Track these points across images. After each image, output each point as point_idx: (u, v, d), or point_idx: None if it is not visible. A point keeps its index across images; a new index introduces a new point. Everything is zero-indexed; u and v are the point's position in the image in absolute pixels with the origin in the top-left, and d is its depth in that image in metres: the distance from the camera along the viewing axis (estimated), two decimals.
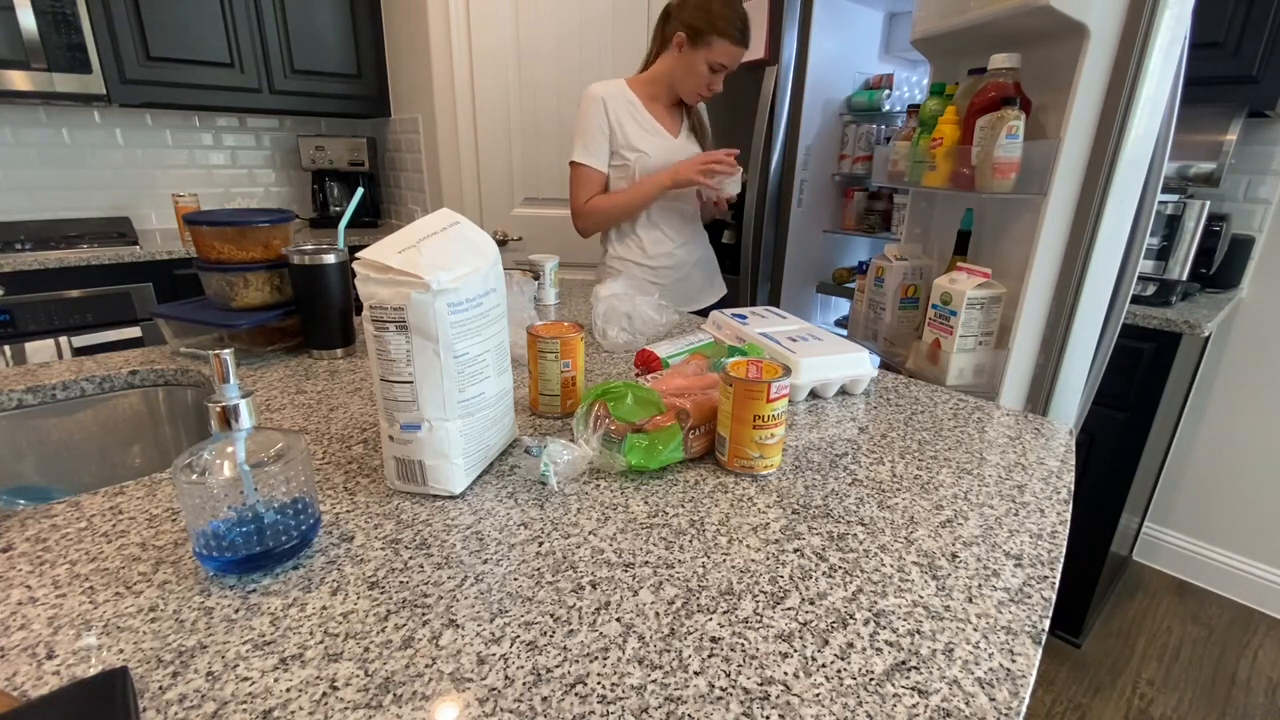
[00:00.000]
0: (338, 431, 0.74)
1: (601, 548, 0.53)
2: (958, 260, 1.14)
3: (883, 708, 0.39)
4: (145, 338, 2.02)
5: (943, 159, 1.09)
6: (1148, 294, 1.52)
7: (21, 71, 1.88)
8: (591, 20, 2.05)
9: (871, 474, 0.67)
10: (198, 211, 0.95)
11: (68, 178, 2.29)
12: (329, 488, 0.62)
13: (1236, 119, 1.54)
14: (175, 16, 2.10)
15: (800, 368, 0.84)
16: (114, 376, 0.90)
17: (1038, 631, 0.45)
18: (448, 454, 0.59)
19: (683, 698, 0.39)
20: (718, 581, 0.50)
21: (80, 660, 0.41)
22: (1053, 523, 0.59)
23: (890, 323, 1.27)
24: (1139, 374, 1.48)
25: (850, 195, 2.17)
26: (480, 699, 0.38)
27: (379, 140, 2.78)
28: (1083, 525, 1.60)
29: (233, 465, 0.47)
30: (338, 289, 0.95)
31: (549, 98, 2.14)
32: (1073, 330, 1.00)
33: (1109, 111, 0.91)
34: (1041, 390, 1.05)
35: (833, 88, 2.07)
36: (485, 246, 0.63)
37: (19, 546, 0.52)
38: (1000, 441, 0.77)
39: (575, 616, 0.45)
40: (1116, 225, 0.95)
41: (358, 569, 0.50)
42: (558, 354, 0.76)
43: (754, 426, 0.63)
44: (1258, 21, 1.43)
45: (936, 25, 1.15)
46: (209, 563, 0.48)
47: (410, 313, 0.54)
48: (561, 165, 2.19)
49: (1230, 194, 1.74)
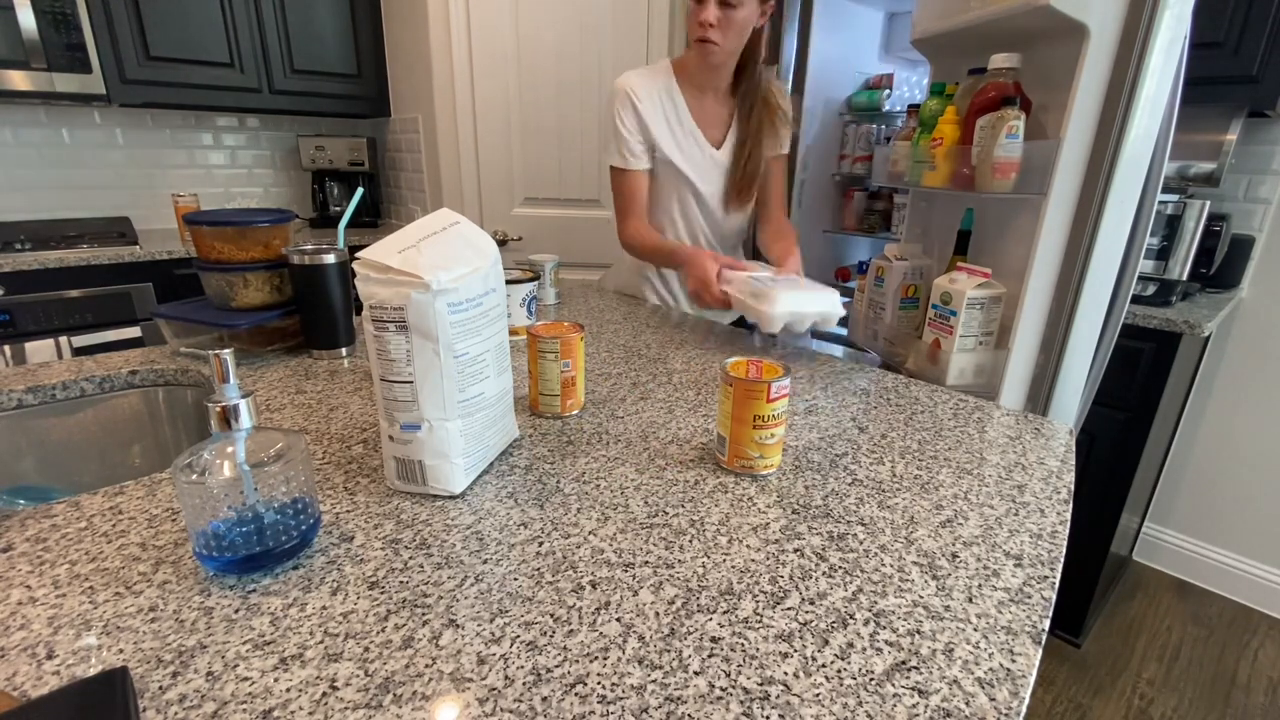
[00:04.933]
0: (338, 431, 0.74)
1: (601, 548, 0.53)
2: (958, 260, 1.14)
3: (883, 708, 0.39)
4: (145, 338, 2.02)
5: (943, 159, 1.09)
6: (1148, 294, 1.52)
7: (21, 71, 1.88)
8: (591, 20, 2.05)
9: (871, 474, 0.67)
10: (198, 211, 0.95)
11: (68, 178, 2.29)
12: (329, 488, 0.62)
13: (1236, 119, 1.54)
14: (175, 16, 2.10)
15: (776, 300, 0.98)
16: (114, 376, 0.90)
17: (1038, 631, 0.45)
18: (448, 454, 0.59)
19: (683, 698, 0.39)
20: (718, 581, 0.50)
21: (80, 660, 0.41)
22: (1053, 523, 0.59)
23: (890, 323, 1.27)
24: (1139, 374, 1.48)
25: (850, 195, 2.17)
26: (480, 699, 0.38)
27: (379, 140, 2.78)
28: (1083, 525, 1.60)
29: (233, 465, 0.47)
30: (338, 289, 0.95)
31: (549, 97, 2.14)
32: (1073, 330, 1.00)
33: (1109, 111, 0.91)
34: (1041, 390, 1.05)
35: (833, 88, 2.07)
36: (485, 246, 0.63)
37: (19, 546, 0.52)
38: (1000, 441, 0.77)
39: (575, 616, 0.45)
40: (1116, 225, 0.95)
41: (358, 569, 0.50)
42: (558, 354, 0.76)
43: (754, 426, 0.63)
44: (1258, 21, 1.43)
45: (936, 25, 1.15)
46: (209, 563, 0.48)
47: (410, 313, 0.54)
48: (561, 165, 2.21)
49: (1230, 194, 1.74)
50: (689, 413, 0.81)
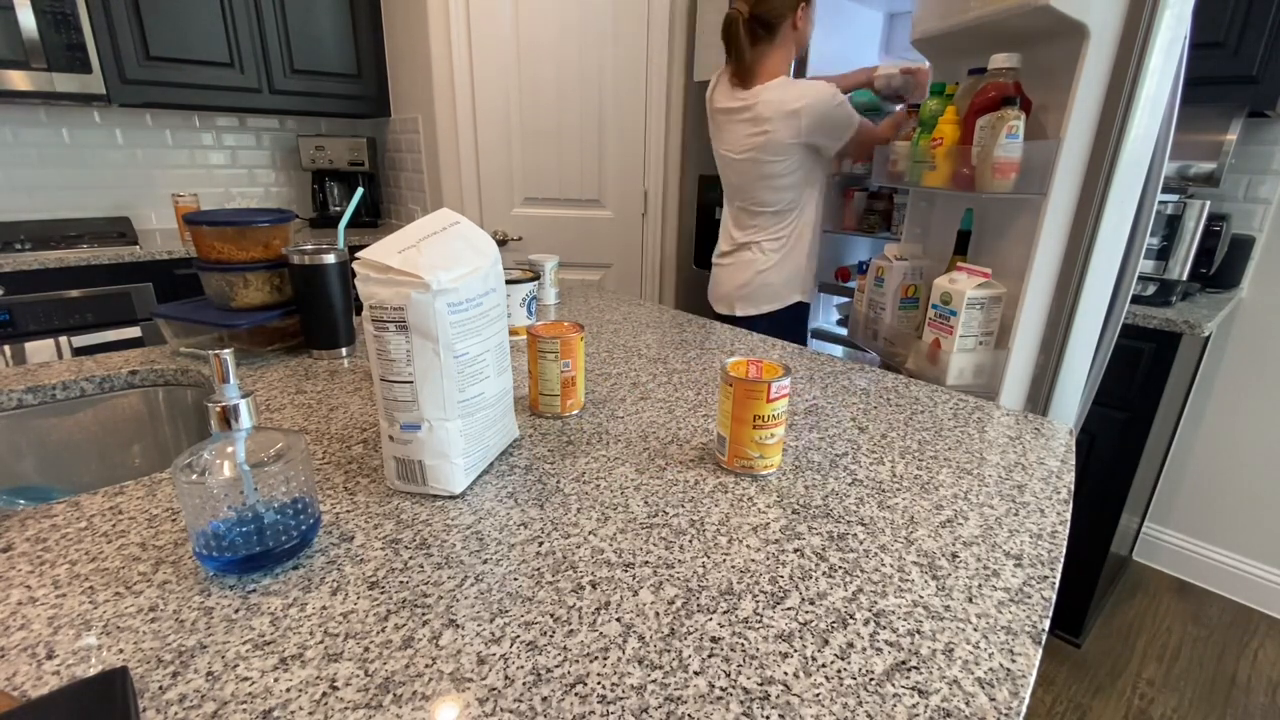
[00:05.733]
0: (338, 431, 0.74)
1: (601, 548, 0.53)
2: (958, 260, 1.14)
3: (883, 708, 0.39)
4: (145, 338, 2.02)
5: (943, 159, 1.09)
6: (1148, 294, 1.52)
7: (21, 71, 1.88)
8: (591, 20, 2.05)
9: (871, 474, 0.67)
10: (198, 211, 0.95)
11: (68, 178, 2.29)
12: (329, 488, 0.62)
13: (1236, 119, 1.54)
14: (175, 16, 2.10)
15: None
16: (114, 376, 0.90)
17: (1038, 631, 0.45)
18: (448, 454, 0.59)
19: (683, 698, 0.39)
20: (718, 581, 0.50)
21: (80, 660, 0.41)
22: (1053, 523, 0.59)
23: (890, 323, 1.27)
24: (1139, 374, 1.48)
25: (850, 195, 2.17)
26: (480, 699, 0.38)
27: (379, 140, 2.78)
28: (1083, 525, 1.60)
29: (233, 465, 0.47)
30: (338, 289, 0.95)
31: (549, 97, 2.14)
32: (1073, 330, 1.00)
33: (1109, 111, 0.91)
34: (1041, 390, 1.05)
35: None
36: (485, 246, 0.63)
37: (19, 546, 0.52)
38: (1000, 441, 0.77)
39: (575, 616, 0.45)
40: (1116, 225, 0.95)
41: (358, 569, 0.50)
42: (558, 354, 0.76)
43: (754, 426, 0.63)
44: (1258, 21, 1.43)
45: (936, 25, 1.15)
46: (209, 563, 0.48)
47: (410, 313, 0.54)
48: (561, 165, 2.21)
49: (1230, 194, 1.74)
50: (689, 413, 0.81)
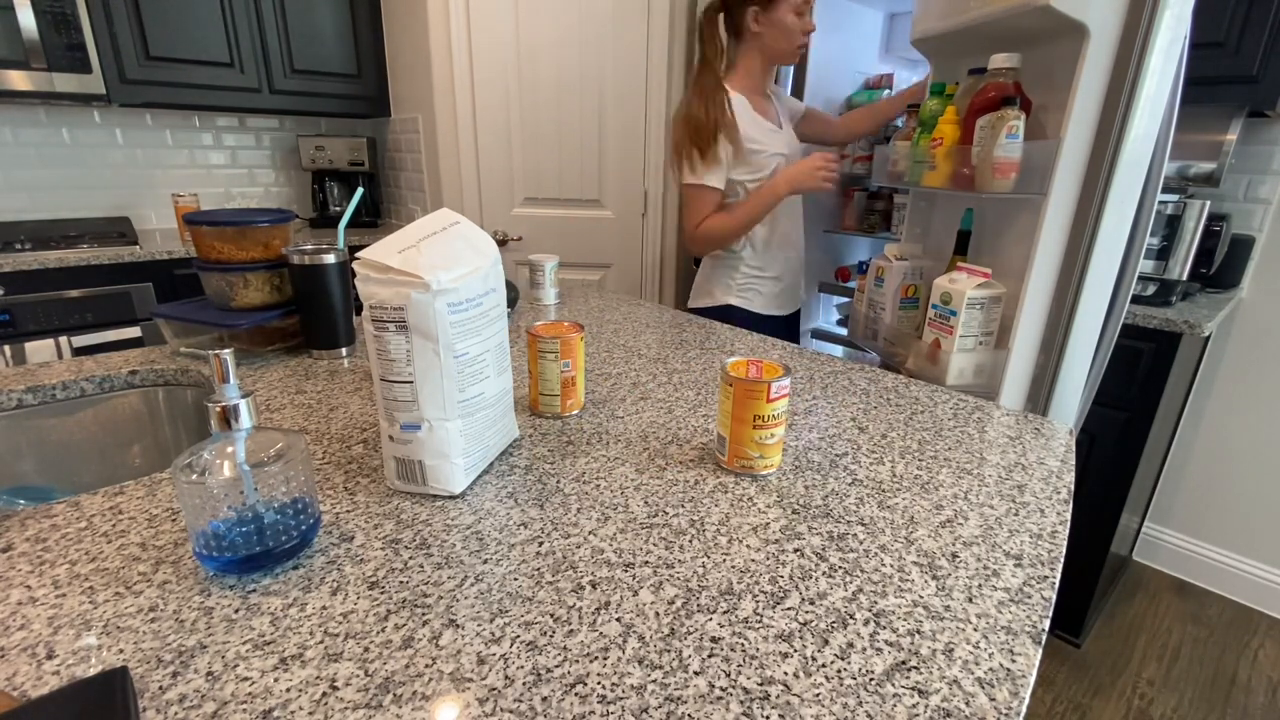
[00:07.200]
0: (338, 431, 0.74)
1: (601, 548, 0.53)
2: (958, 260, 1.14)
3: (883, 708, 0.39)
4: (145, 338, 2.02)
5: (943, 159, 1.09)
6: (1148, 294, 1.52)
7: (21, 71, 1.88)
8: (591, 20, 2.05)
9: (871, 474, 0.67)
10: (198, 211, 0.95)
11: (68, 178, 2.29)
12: (329, 488, 0.62)
13: (1236, 119, 1.54)
14: (175, 16, 2.10)
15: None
16: (114, 376, 0.90)
17: (1038, 631, 0.45)
18: (448, 454, 0.59)
19: (683, 698, 0.39)
20: (718, 581, 0.50)
21: (80, 660, 0.41)
22: (1053, 523, 0.59)
23: (890, 323, 1.27)
24: (1139, 374, 1.48)
25: (850, 195, 2.17)
26: (480, 699, 0.38)
27: (379, 140, 2.78)
28: (1083, 525, 1.60)
29: (233, 465, 0.47)
30: (338, 289, 0.95)
31: (549, 97, 2.14)
32: (1073, 330, 1.00)
33: (1109, 111, 0.91)
34: (1041, 390, 1.05)
35: (832, 88, 2.07)
36: (485, 246, 0.63)
37: (19, 546, 0.52)
38: (1000, 441, 0.77)
39: (575, 616, 0.45)
40: (1116, 225, 0.95)
41: (358, 569, 0.50)
42: (558, 354, 0.76)
43: (754, 426, 0.63)
44: (1258, 21, 1.43)
45: (936, 25, 1.15)
46: (209, 563, 0.48)
47: (410, 313, 0.54)
48: (561, 165, 2.21)
49: (1230, 194, 1.74)
50: (689, 413, 0.81)
